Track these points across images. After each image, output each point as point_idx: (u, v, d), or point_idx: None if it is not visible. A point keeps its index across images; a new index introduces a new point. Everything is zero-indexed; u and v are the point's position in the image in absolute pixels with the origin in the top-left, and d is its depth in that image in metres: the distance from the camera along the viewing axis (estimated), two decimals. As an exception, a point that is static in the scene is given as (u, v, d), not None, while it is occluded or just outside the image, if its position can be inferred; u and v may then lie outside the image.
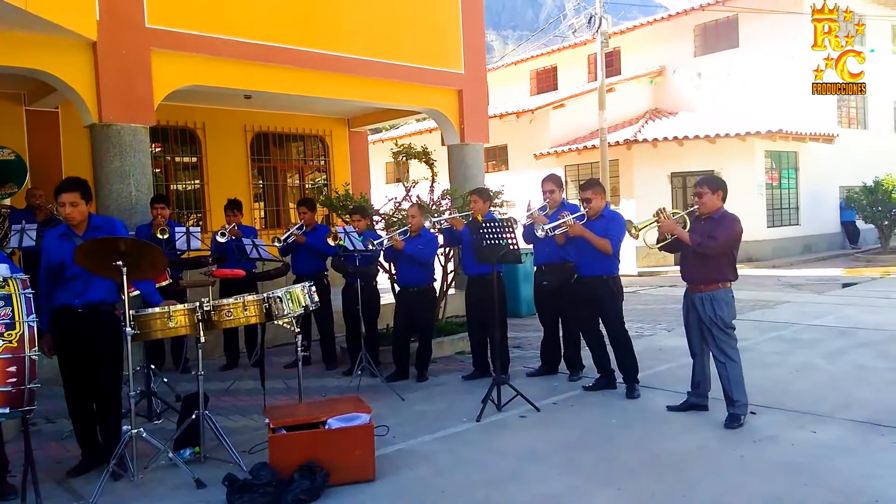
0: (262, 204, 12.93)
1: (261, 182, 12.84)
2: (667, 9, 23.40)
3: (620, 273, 5.93)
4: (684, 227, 5.21)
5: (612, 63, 21.65)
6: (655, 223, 5.28)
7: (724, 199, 5.15)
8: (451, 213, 7.60)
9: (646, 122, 19.43)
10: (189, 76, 8.08)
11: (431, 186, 8.36)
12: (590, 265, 5.80)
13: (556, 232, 5.77)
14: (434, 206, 8.01)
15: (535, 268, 6.58)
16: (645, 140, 17.53)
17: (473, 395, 5.83)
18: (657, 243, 5.41)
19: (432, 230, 6.82)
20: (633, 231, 5.37)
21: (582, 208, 5.91)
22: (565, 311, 6.30)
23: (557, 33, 27.32)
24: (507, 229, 5.59)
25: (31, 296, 3.61)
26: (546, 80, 24.60)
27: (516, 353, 7.57)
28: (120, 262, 3.97)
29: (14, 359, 3.46)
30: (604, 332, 6.01)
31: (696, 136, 17.10)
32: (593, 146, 17.71)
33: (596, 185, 5.94)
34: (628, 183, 18.18)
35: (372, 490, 4.06)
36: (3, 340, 3.45)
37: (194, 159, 11.84)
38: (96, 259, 4.03)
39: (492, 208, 7.14)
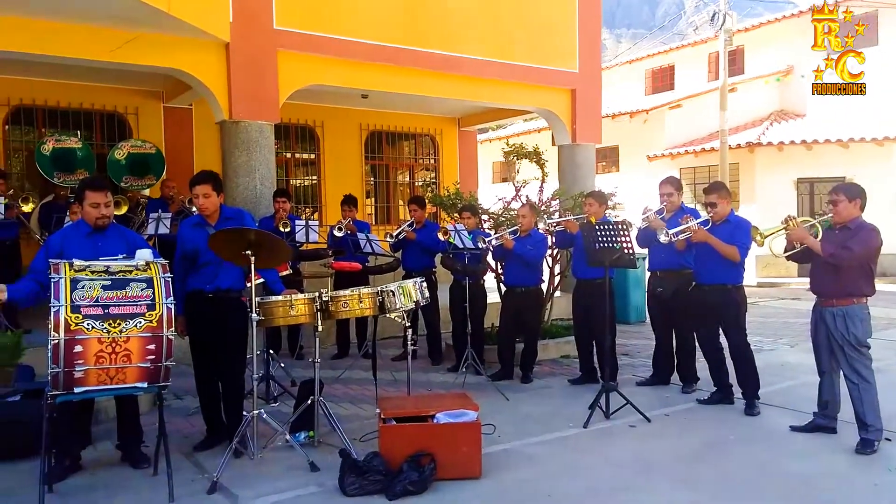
0: (372, 200, 13.29)
1: (372, 179, 13.20)
2: (796, 5, 21.99)
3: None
4: (815, 237, 4.88)
5: (735, 62, 20.58)
6: (784, 231, 4.99)
7: (862, 209, 4.80)
8: (560, 215, 7.51)
9: (770, 124, 18.36)
10: (312, 76, 8.42)
11: (541, 187, 8.28)
12: (712, 273, 5.52)
13: (678, 237, 5.55)
14: (543, 207, 7.94)
15: (650, 273, 6.36)
16: (769, 143, 16.57)
17: (580, 401, 5.73)
18: (784, 252, 5.11)
19: (547, 232, 6.75)
20: (759, 238, 5.10)
21: (705, 213, 5.65)
22: (681, 319, 6.05)
23: (676, 31, 26.36)
24: (622, 232, 5.44)
25: (169, 280, 3.87)
26: (662, 80, 23.76)
27: (625, 360, 7.37)
28: (248, 252, 4.19)
29: (153, 337, 3.73)
30: (723, 343, 5.73)
31: (827, 140, 15.99)
32: (712, 149, 16.93)
33: (721, 189, 5.66)
34: (749, 188, 17.25)
35: (478, 488, 4.07)
36: (145, 320, 3.72)
37: (312, 156, 12.34)
38: (228, 247, 4.28)
39: (606, 211, 6.98)
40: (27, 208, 7.51)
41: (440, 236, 7.01)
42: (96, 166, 8.99)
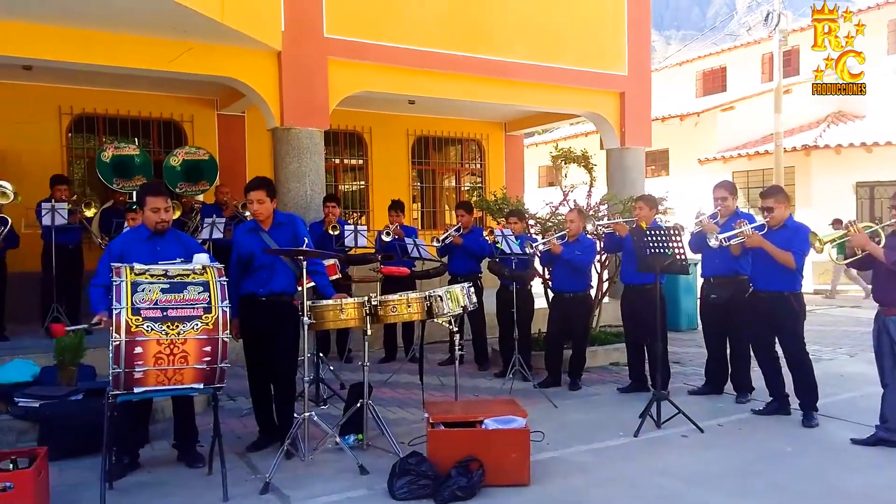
0: (418, 205, 13.36)
1: (418, 184, 13.27)
2: (854, 3, 21.28)
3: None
4: (878, 243, 4.72)
5: (790, 62, 20.03)
6: (844, 237, 4.84)
7: (927, 214, 4.62)
8: (609, 219, 7.41)
9: (828, 125, 17.81)
10: (361, 83, 8.52)
11: (589, 191, 8.20)
12: (768, 279, 5.36)
13: (731, 242, 5.41)
14: (592, 212, 7.85)
15: (703, 280, 6.22)
16: (826, 146, 16.07)
17: (630, 409, 5.64)
18: (845, 259, 4.96)
19: (593, 235, 6.68)
20: (818, 245, 4.95)
21: (760, 218, 5.50)
22: (736, 327, 5.90)
23: (727, 32, 25.81)
24: (673, 237, 5.33)
25: (225, 283, 3.97)
26: (713, 82, 23.29)
27: (676, 368, 7.22)
28: (301, 258, 4.27)
29: (209, 340, 3.83)
30: (778, 352, 5.56)
31: (889, 143, 15.42)
32: (766, 152, 16.50)
33: (778, 193, 5.49)
34: (805, 192, 16.75)
35: (526, 495, 4.04)
36: (201, 323, 3.82)
37: (360, 162, 12.48)
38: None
39: (656, 216, 6.87)
40: (90, 213, 7.79)
41: (485, 235, 7.03)
42: (153, 172, 9.27)
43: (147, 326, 3.71)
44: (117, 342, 3.65)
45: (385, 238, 7.51)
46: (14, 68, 8.28)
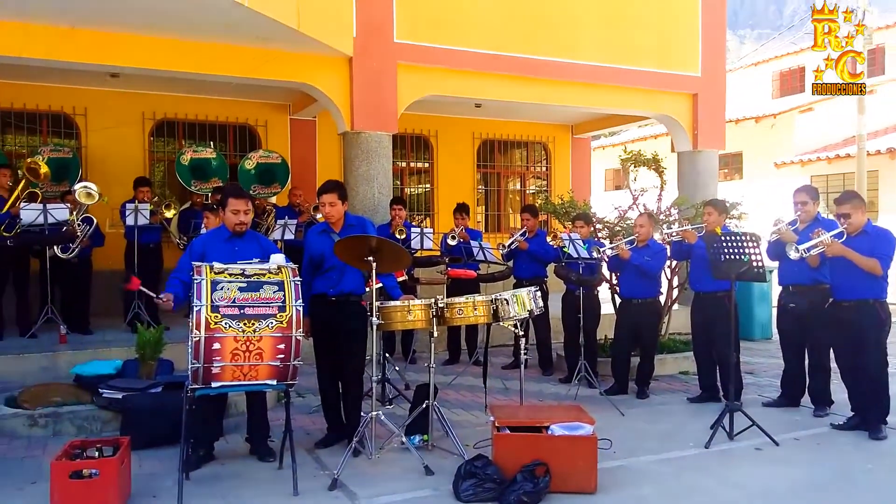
0: (482, 208, 13.37)
1: (483, 187, 13.27)
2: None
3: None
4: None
5: (875, 61, 19.05)
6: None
7: None
8: (680, 224, 7.24)
9: (916, 127, 16.87)
10: (429, 87, 8.60)
11: (660, 195, 8.03)
12: (852, 287, 5.12)
13: (811, 252, 5.18)
14: (662, 217, 7.68)
15: (781, 288, 5.99)
16: (914, 148, 15.23)
17: (700, 419, 5.49)
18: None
19: (664, 241, 6.55)
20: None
21: (839, 225, 5.26)
22: (815, 337, 5.67)
23: (806, 31, 24.78)
24: (749, 243, 5.16)
25: (299, 283, 4.07)
26: (791, 82, 22.38)
27: (749, 379, 6.98)
28: (370, 258, 4.34)
29: (283, 337, 3.93)
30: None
31: (984, 145, 14.47)
32: (847, 155, 15.76)
33: (855, 198, 5.24)
34: (891, 197, 15.89)
35: (594, 503, 3.99)
36: (276, 321, 3.93)
37: (426, 165, 12.59)
38: (351, 253, 4.46)
39: (728, 220, 6.67)
40: (170, 214, 8.14)
41: (549, 240, 6.98)
42: (228, 175, 9.61)
43: (225, 324, 3.84)
44: (197, 338, 3.78)
45: (450, 242, 7.55)
46: (102, 76, 8.75)
